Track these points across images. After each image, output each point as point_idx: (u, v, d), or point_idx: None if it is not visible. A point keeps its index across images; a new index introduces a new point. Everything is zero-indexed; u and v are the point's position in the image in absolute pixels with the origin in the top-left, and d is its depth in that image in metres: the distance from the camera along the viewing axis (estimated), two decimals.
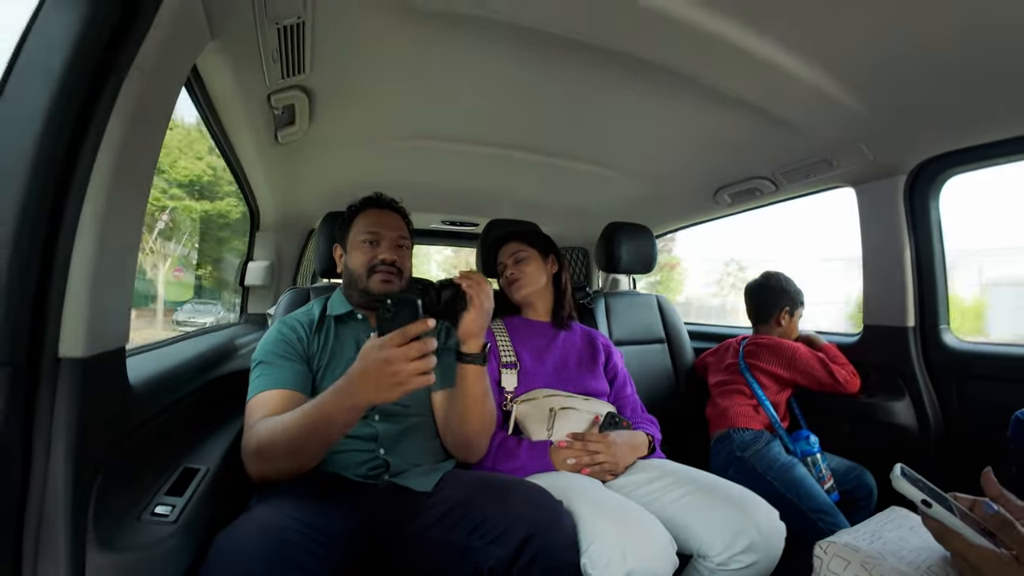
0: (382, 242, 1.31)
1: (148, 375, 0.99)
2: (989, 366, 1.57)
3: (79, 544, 0.68)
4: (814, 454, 1.64)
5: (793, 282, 1.94)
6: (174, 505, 0.84)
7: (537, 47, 1.22)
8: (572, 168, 2.07)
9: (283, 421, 0.96)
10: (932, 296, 1.69)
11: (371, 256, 1.30)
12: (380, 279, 1.28)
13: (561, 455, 1.30)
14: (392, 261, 1.30)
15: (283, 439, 0.95)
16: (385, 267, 1.29)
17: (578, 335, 1.64)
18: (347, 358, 1.24)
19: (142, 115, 0.76)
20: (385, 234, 1.32)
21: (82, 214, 0.69)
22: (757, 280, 1.98)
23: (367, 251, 1.30)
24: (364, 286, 1.29)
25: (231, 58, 1.16)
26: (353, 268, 1.31)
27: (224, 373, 1.36)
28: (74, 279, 0.69)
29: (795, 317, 1.92)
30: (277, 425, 0.97)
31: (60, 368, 0.69)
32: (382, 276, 1.29)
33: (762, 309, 1.95)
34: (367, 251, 1.30)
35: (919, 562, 0.66)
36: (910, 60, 1.18)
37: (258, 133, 1.55)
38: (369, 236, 1.31)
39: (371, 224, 1.33)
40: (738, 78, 1.32)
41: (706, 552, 1.08)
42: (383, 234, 1.32)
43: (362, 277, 1.29)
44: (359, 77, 1.36)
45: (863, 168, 1.69)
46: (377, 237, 1.31)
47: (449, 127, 1.72)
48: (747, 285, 2.01)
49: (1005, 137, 1.42)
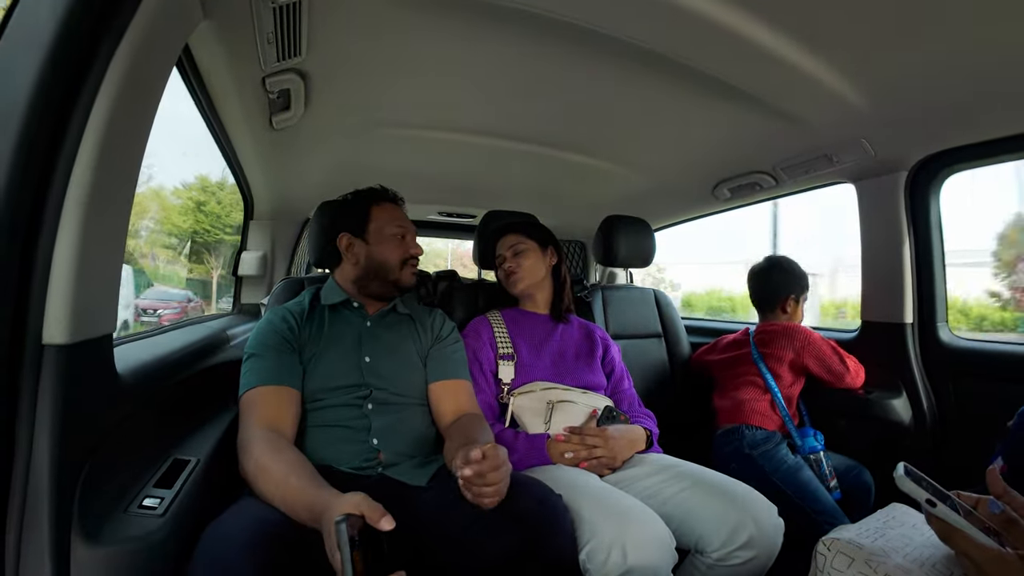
0: (408, 236, 1.37)
1: (137, 364, 0.96)
2: (986, 363, 1.57)
3: (63, 537, 0.66)
4: (819, 452, 1.63)
5: (798, 265, 1.89)
6: (163, 498, 0.82)
7: (538, 37, 1.21)
8: (570, 160, 2.05)
9: (272, 479, 0.93)
10: (930, 293, 1.69)
11: (404, 250, 1.34)
12: (412, 271, 1.35)
13: (558, 448, 1.29)
14: (419, 256, 1.37)
15: (265, 492, 0.93)
16: (415, 261, 1.36)
17: (576, 328, 1.63)
18: (342, 347, 1.24)
19: (131, 94, 0.74)
20: (410, 228, 1.38)
21: (67, 195, 0.67)
22: (761, 264, 1.93)
23: (401, 245, 1.34)
24: (396, 277, 1.33)
25: (225, 39, 1.13)
26: (383, 259, 1.32)
27: (216, 363, 1.34)
28: (58, 262, 0.67)
29: (801, 304, 1.87)
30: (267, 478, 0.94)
31: (44, 355, 0.67)
32: (413, 269, 1.36)
33: (768, 294, 1.89)
34: (401, 245, 1.34)
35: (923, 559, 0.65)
36: (914, 56, 1.17)
37: (252, 118, 1.51)
38: (401, 230, 1.35)
39: (397, 218, 1.36)
40: (743, 71, 1.30)
41: (704, 547, 1.08)
42: (409, 228, 1.37)
43: (395, 268, 1.33)
44: (356, 62, 1.34)
45: (864, 164, 1.68)
46: (408, 231, 1.37)
47: (447, 116, 1.70)
48: (751, 269, 1.96)
49: (1005, 135, 1.42)
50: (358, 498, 0.81)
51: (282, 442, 1.02)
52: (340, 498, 0.83)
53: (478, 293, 1.79)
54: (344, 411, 1.17)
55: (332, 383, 1.19)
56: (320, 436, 1.15)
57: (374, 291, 1.34)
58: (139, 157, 0.84)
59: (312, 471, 0.95)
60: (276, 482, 0.92)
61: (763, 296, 1.92)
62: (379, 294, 1.35)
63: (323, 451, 1.12)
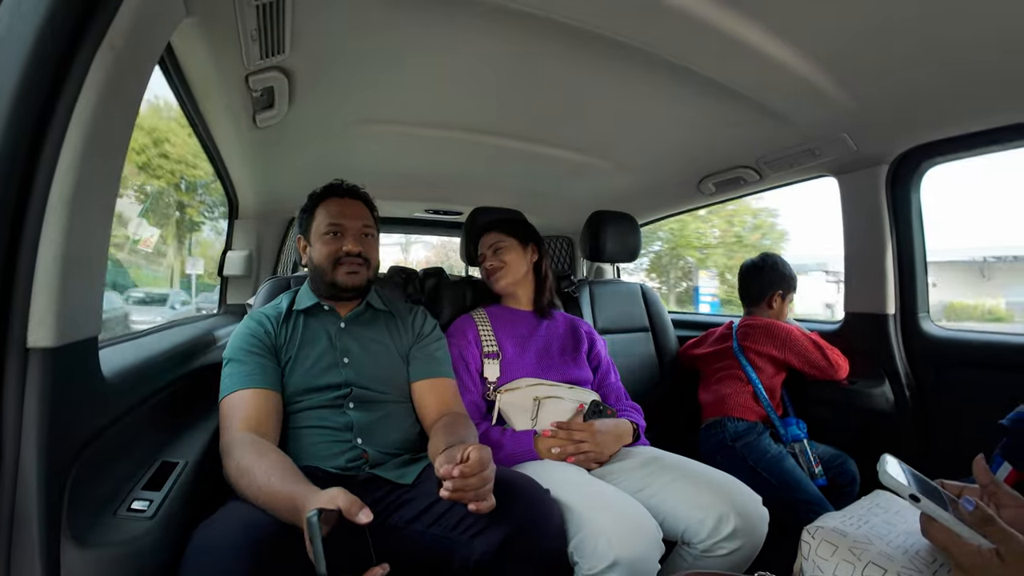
0: (346, 233, 1.29)
1: (123, 366, 0.95)
2: (967, 353, 1.60)
3: (53, 541, 0.65)
4: (802, 440, 1.66)
5: (789, 266, 1.94)
6: (151, 500, 0.82)
7: (524, 33, 1.20)
8: (557, 156, 2.05)
9: (255, 480, 0.92)
10: (912, 284, 1.72)
11: (335, 248, 1.27)
12: (346, 270, 1.27)
13: (546, 444, 1.30)
14: (358, 252, 1.28)
15: (248, 494, 0.92)
16: (351, 258, 1.27)
17: (561, 323, 1.63)
18: (316, 350, 1.23)
19: (114, 93, 0.73)
20: (349, 224, 1.29)
21: (50, 195, 0.66)
22: (753, 261, 1.97)
23: (331, 243, 1.28)
24: (331, 279, 1.27)
25: (208, 36, 1.11)
26: (318, 261, 1.28)
27: (203, 364, 1.33)
28: (42, 264, 0.66)
29: (787, 301, 1.92)
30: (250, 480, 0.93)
31: (29, 358, 0.66)
32: (348, 267, 1.27)
33: (756, 290, 1.94)
34: (331, 243, 1.28)
35: (906, 547, 0.66)
36: (895, 51, 1.18)
37: (236, 116, 1.50)
38: (332, 227, 1.28)
39: (334, 215, 1.30)
40: (726, 67, 1.31)
41: (690, 538, 1.09)
42: (347, 225, 1.29)
43: (327, 270, 1.27)
44: (341, 59, 1.32)
45: (846, 158, 1.70)
46: (341, 228, 1.29)
47: (432, 113, 1.69)
48: (742, 265, 2.01)
49: (984, 128, 1.44)
50: (335, 492, 0.82)
51: (264, 444, 1.01)
52: (317, 493, 0.83)
53: (465, 290, 1.79)
54: (325, 412, 1.17)
55: (311, 384, 1.18)
56: (303, 438, 1.15)
57: (326, 294, 1.31)
58: (122, 155, 0.83)
59: (294, 470, 0.95)
60: (258, 484, 0.91)
61: (751, 290, 1.96)
62: (330, 296, 1.31)
63: (308, 453, 1.12)
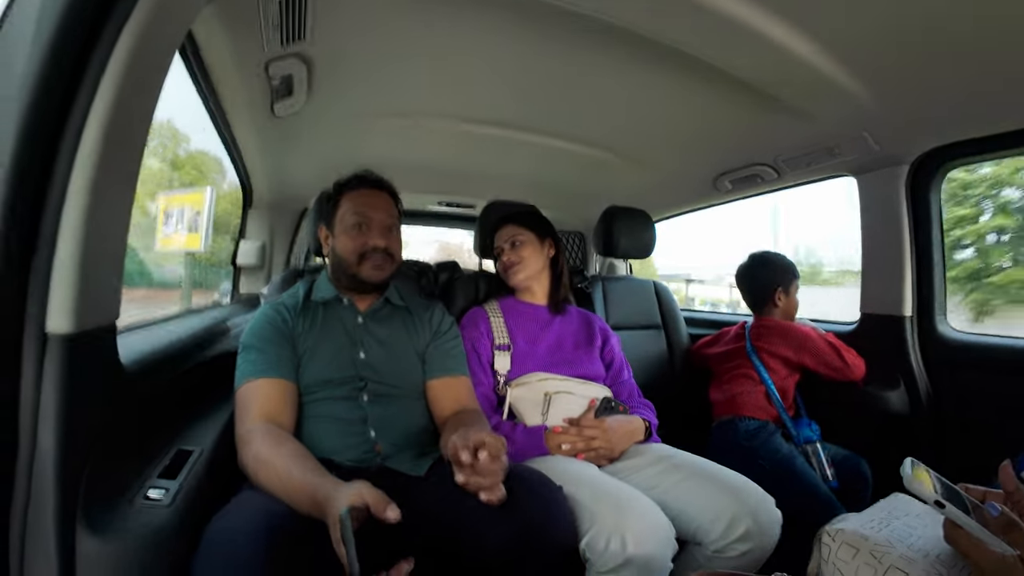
0: (372, 226, 1.26)
1: (140, 353, 0.96)
2: (985, 356, 1.57)
3: (68, 529, 0.66)
4: (814, 441, 1.64)
5: (782, 256, 1.89)
6: (168, 488, 0.82)
7: (543, 26, 1.19)
8: (572, 150, 2.04)
9: (274, 471, 0.92)
10: (929, 286, 1.69)
11: (361, 242, 1.25)
12: (372, 265, 1.25)
13: (556, 440, 1.29)
14: (384, 247, 1.26)
15: (267, 484, 0.93)
16: (376, 253, 1.25)
17: (575, 318, 1.62)
18: (334, 343, 1.22)
19: (134, 81, 0.72)
20: (375, 217, 1.27)
21: (70, 183, 0.66)
22: (744, 264, 1.94)
23: (356, 236, 1.25)
24: (355, 272, 1.25)
25: (228, 23, 1.11)
26: (342, 254, 1.26)
27: (218, 353, 1.34)
28: (62, 250, 0.66)
29: (791, 293, 1.86)
30: (269, 471, 0.93)
31: (47, 344, 0.66)
32: (373, 262, 1.25)
33: (756, 293, 1.90)
34: (356, 236, 1.25)
35: (927, 550, 0.65)
36: (920, 50, 1.16)
37: (254, 104, 1.50)
38: (358, 219, 1.26)
39: (360, 206, 1.27)
40: (747, 63, 1.29)
41: (702, 538, 1.08)
42: (372, 217, 1.26)
43: (352, 264, 1.25)
44: (360, 49, 1.32)
45: (866, 158, 1.67)
46: (367, 220, 1.26)
47: (450, 105, 1.69)
48: (736, 271, 1.97)
49: (1007, 130, 1.42)
50: (362, 487, 0.81)
51: (282, 434, 1.01)
52: (342, 488, 0.82)
53: (479, 283, 1.78)
54: (340, 404, 1.17)
55: (327, 377, 1.18)
56: (317, 430, 1.15)
57: (347, 286, 1.29)
58: (142, 144, 0.82)
59: (314, 462, 0.95)
60: (278, 474, 0.91)
61: (752, 294, 1.92)
62: (351, 289, 1.29)
63: (321, 445, 1.11)
